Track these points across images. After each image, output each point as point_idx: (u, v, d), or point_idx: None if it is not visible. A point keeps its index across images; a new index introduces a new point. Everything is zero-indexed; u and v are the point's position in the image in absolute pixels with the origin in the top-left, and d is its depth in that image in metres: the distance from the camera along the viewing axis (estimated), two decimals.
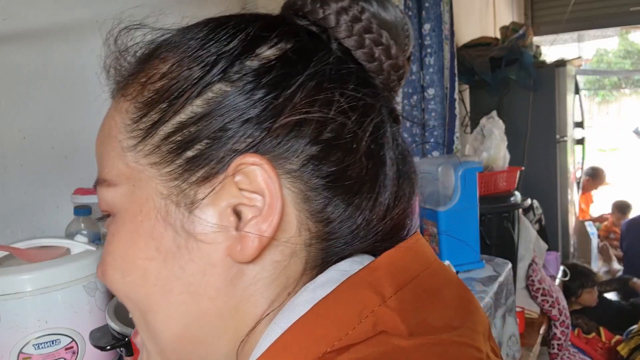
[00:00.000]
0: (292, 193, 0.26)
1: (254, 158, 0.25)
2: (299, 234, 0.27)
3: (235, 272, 0.26)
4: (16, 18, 0.91)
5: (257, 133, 0.25)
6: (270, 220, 0.25)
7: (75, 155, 1.01)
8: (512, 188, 1.76)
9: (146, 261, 0.27)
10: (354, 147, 0.27)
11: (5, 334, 0.62)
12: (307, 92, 0.26)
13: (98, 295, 0.69)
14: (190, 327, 0.27)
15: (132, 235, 0.27)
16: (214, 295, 0.27)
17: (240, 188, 0.26)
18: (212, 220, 0.26)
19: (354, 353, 0.23)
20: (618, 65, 9.34)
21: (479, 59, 2.37)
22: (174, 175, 0.26)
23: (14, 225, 0.91)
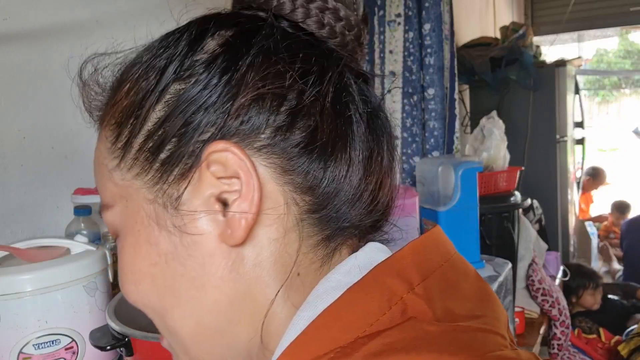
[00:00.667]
0: (269, 169, 0.27)
1: (220, 144, 0.26)
2: (287, 209, 0.27)
3: (235, 258, 0.27)
4: (16, 18, 0.91)
5: (218, 119, 0.26)
6: (251, 198, 0.26)
7: (75, 156, 1.01)
8: (512, 188, 1.76)
9: (151, 267, 0.29)
10: (318, 109, 0.27)
11: (5, 334, 0.62)
12: (256, 69, 0.27)
13: (98, 295, 0.69)
14: (205, 321, 0.28)
15: (134, 247, 0.29)
16: (220, 284, 0.27)
17: (217, 177, 0.27)
18: (198, 212, 0.27)
19: (386, 338, 0.23)
20: (618, 65, 9.34)
21: (479, 59, 2.37)
22: (155, 180, 0.28)
23: (14, 225, 0.91)
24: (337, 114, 0.28)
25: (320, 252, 0.28)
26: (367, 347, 0.23)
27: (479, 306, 0.27)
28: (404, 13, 1.34)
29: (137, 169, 0.28)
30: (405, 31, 1.34)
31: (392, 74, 1.37)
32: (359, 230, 0.30)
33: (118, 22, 1.09)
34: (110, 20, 1.07)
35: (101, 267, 0.70)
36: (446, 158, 1.14)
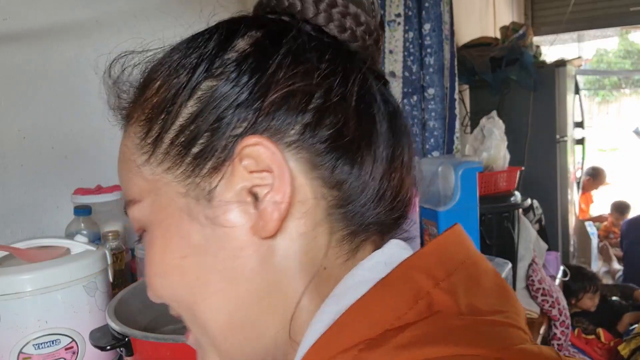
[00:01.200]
0: (299, 163, 0.28)
1: (253, 139, 0.27)
2: (316, 203, 0.28)
3: (266, 250, 0.28)
4: (16, 18, 0.91)
5: (250, 115, 0.27)
6: (283, 190, 0.27)
7: (75, 156, 1.01)
8: (512, 188, 1.76)
9: (181, 259, 0.29)
10: (343, 108, 0.29)
11: (6, 334, 0.62)
12: (286, 68, 0.28)
13: (98, 295, 0.69)
14: (235, 313, 0.29)
15: (163, 240, 0.30)
16: (250, 276, 0.28)
17: (250, 171, 0.27)
18: (231, 204, 0.28)
19: (413, 331, 0.24)
20: (618, 65, 9.33)
21: (479, 59, 2.37)
22: (187, 174, 0.28)
23: (14, 225, 0.91)
24: (361, 112, 0.29)
25: (345, 247, 0.29)
26: (395, 339, 0.24)
27: (500, 301, 0.28)
28: (404, 13, 1.33)
29: (168, 163, 0.29)
30: (405, 31, 1.34)
31: (392, 74, 1.37)
32: (381, 227, 0.31)
33: (118, 22, 1.09)
34: (111, 20, 1.07)
35: (101, 267, 0.70)
36: (446, 158, 1.14)
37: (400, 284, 0.26)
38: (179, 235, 0.29)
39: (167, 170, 0.29)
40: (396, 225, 0.32)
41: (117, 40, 1.09)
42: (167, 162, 0.29)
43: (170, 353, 0.50)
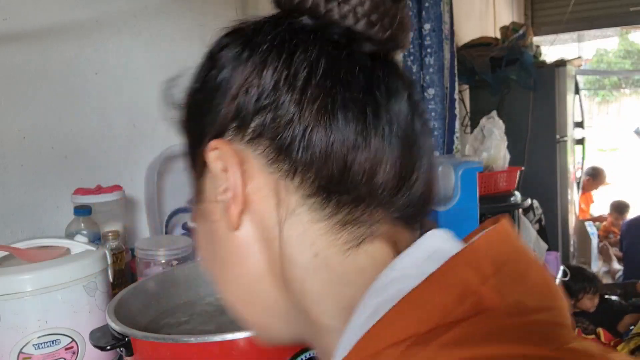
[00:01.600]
0: (258, 159, 0.29)
1: (213, 143, 0.30)
2: (279, 194, 0.29)
3: (239, 240, 0.31)
4: (16, 18, 0.91)
5: (211, 120, 0.31)
6: (238, 187, 0.30)
7: (75, 156, 1.01)
8: (512, 188, 1.76)
9: (203, 248, 0.34)
10: (304, 94, 0.29)
11: (6, 334, 0.62)
12: (233, 70, 0.30)
13: (98, 295, 0.69)
14: (236, 292, 0.33)
15: (199, 230, 0.35)
16: (236, 262, 0.31)
17: (216, 173, 0.30)
18: (211, 203, 0.32)
19: (461, 329, 0.24)
20: (618, 65, 9.34)
21: (479, 59, 2.37)
22: (196, 180, 0.34)
23: (14, 225, 0.91)
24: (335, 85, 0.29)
25: (343, 235, 0.29)
26: (442, 337, 0.24)
27: (548, 297, 0.28)
28: None
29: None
30: None
31: None
32: (393, 217, 0.31)
33: (118, 22, 1.09)
34: (111, 20, 1.07)
35: (101, 267, 0.70)
36: (446, 158, 1.14)
37: (449, 279, 0.26)
38: (200, 227, 0.34)
39: (190, 175, 0.34)
40: (415, 218, 0.32)
41: (117, 40, 1.10)
42: (189, 169, 0.34)
43: (170, 353, 0.50)
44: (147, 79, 1.16)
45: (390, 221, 0.31)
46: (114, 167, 1.08)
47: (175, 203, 1.20)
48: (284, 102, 0.29)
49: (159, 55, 1.18)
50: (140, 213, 1.15)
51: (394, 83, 0.31)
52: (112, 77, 1.08)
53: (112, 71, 1.08)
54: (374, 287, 0.28)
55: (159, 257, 0.82)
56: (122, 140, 1.10)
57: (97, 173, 1.05)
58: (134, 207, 1.14)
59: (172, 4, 1.21)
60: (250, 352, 0.50)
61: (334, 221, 0.29)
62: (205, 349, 0.50)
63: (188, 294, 0.72)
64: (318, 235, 0.29)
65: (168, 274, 0.72)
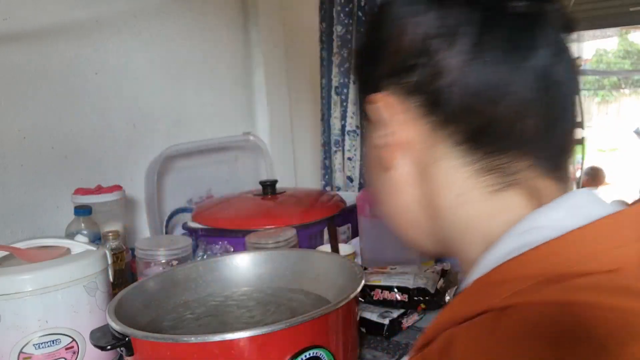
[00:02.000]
0: (417, 110, 0.34)
1: (379, 95, 0.35)
2: (434, 141, 0.33)
3: (396, 177, 0.37)
4: (16, 18, 0.91)
5: (378, 75, 0.36)
6: (399, 134, 0.35)
7: (75, 156, 1.01)
8: None
9: (373, 176, 0.40)
10: (465, 57, 0.31)
11: (6, 333, 0.62)
12: (402, 23, 0.34)
13: (98, 295, 0.69)
14: (398, 216, 0.39)
15: (367, 162, 0.41)
16: (394, 193, 0.38)
17: (379, 120, 0.36)
18: (376, 146, 0.37)
19: (590, 278, 0.26)
20: (618, 65, 9.34)
21: None
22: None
23: (14, 225, 0.91)
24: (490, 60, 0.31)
25: (486, 180, 0.32)
26: (571, 281, 0.26)
27: None
28: None
29: None
30: None
31: None
32: (536, 166, 0.32)
33: (118, 22, 1.09)
34: (111, 20, 1.08)
35: (101, 267, 0.70)
36: None
37: (609, 231, 0.28)
38: (369, 160, 0.40)
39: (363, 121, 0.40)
40: (555, 168, 0.33)
41: (117, 40, 1.10)
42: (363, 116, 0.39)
43: (170, 353, 0.51)
44: (147, 79, 1.16)
45: (533, 170, 0.32)
46: (114, 167, 1.08)
47: (175, 203, 1.20)
48: (442, 60, 0.31)
49: (159, 55, 1.18)
50: (141, 213, 1.15)
51: (545, 35, 0.32)
52: (112, 77, 1.08)
53: (112, 71, 1.08)
54: (515, 231, 0.31)
55: (159, 257, 0.82)
56: (122, 140, 1.10)
57: (97, 173, 1.05)
58: (134, 207, 1.14)
59: (172, 4, 1.21)
60: (250, 351, 0.50)
61: (479, 166, 0.32)
62: (205, 348, 0.50)
63: (188, 293, 0.72)
64: (463, 178, 0.33)
65: (168, 273, 0.72)
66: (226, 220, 0.99)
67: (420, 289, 0.77)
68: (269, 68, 1.45)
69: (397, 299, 0.78)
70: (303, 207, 1.03)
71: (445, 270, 0.81)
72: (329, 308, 0.54)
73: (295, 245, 0.86)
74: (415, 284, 0.77)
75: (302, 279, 0.73)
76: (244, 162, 1.41)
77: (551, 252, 0.28)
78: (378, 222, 0.94)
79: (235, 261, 0.76)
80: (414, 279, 0.78)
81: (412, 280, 0.78)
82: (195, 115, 1.28)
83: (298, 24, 1.60)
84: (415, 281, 0.78)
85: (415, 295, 0.77)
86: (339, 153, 1.52)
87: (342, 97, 1.49)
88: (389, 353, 0.71)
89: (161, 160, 1.10)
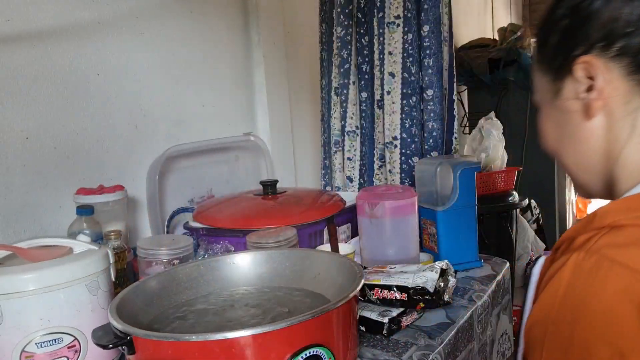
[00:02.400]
0: (620, 71, 0.43)
1: (585, 58, 0.44)
2: (630, 98, 0.43)
3: (589, 126, 0.46)
4: (19, 19, 0.92)
5: (583, 40, 0.44)
6: (601, 91, 0.44)
7: (77, 156, 1.02)
8: (510, 188, 1.77)
9: (552, 129, 0.50)
10: None
11: (8, 332, 0.62)
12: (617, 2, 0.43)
13: (100, 294, 0.69)
14: (577, 160, 0.49)
15: (545, 118, 0.51)
16: (581, 140, 0.47)
17: (582, 79, 0.45)
18: (570, 99, 0.46)
19: None
20: None
21: (477, 60, 2.38)
22: (551, 81, 0.49)
23: (17, 225, 0.91)
24: None
25: None
26: None
27: None
28: (403, 15, 1.34)
29: (543, 71, 0.49)
30: (404, 33, 1.34)
31: (391, 75, 1.38)
32: None
33: (120, 23, 1.10)
34: (112, 21, 1.08)
35: (103, 266, 0.71)
36: (445, 158, 1.15)
37: None
38: (550, 116, 0.50)
39: (542, 76, 0.49)
40: None
41: (118, 41, 1.11)
42: (542, 71, 0.49)
43: (171, 351, 0.51)
44: (148, 80, 1.16)
45: None
46: (115, 167, 1.09)
47: (177, 203, 1.20)
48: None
49: (160, 55, 1.19)
50: (142, 212, 1.15)
51: None
52: (114, 78, 1.09)
53: (114, 72, 1.08)
54: None
55: (160, 256, 0.83)
56: (123, 140, 1.11)
57: (99, 173, 1.05)
58: (135, 207, 1.14)
59: (173, 5, 1.22)
60: (250, 350, 0.50)
61: None
62: (206, 347, 0.50)
63: (189, 292, 0.72)
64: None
65: (169, 273, 0.73)
66: (227, 220, 1.00)
67: (419, 288, 0.77)
68: (269, 68, 1.46)
69: (397, 298, 0.78)
70: (303, 206, 1.04)
71: (444, 269, 0.82)
72: (329, 307, 0.54)
73: (295, 244, 0.86)
74: (415, 283, 0.78)
75: (302, 278, 0.73)
76: (244, 162, 1.42)
77: None
78: (377, 221, 0.95)
79: (235, 260, 0.76)
80: (413, 278, 0.79)
81: (412, 280, 0.78)
82: (196, 115, 1.29)
83: (298, 24, 1.61)
84: (414, 280, 0.78)
85: (414, 294, 0.77)
86: (338, 153, 1.53)
87: (342, 98, 1.49)
88: (389, 351, 0.71)
89: (162, 160, 1.11)
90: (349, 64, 1.47)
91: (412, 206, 0.96)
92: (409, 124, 1.39)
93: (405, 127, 1.39)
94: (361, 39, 1.45)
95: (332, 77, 1.51)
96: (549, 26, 0.47)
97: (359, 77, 1.47)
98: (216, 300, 0.71)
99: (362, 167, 1.53)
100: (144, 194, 1.12)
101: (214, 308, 0.69)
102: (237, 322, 0.64)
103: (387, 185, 1.30)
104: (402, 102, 1.39)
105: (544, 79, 0.49)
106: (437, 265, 0.82)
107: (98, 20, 1.05)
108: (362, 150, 1.51)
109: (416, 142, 1.40)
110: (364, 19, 1.44)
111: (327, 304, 0.55)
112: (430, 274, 0.80)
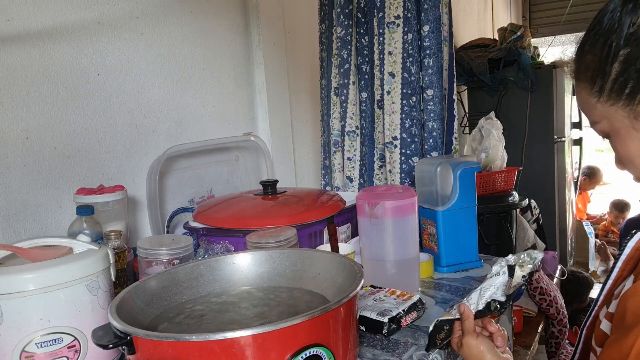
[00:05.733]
0: None
1: None
2: None
3: None
4: (19, 19, 0.92)
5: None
6: None
7: (78, 156, 1.02)
8: (510, 188, 1.77)
9: (633, 149, 0.54)
10: None
11: (8, 332, 0.62)
12: None
13: (100, 294, 0.69)
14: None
15: (622, 141, 0.54)
16: None
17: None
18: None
19: None
20: None
21: (477, 60, 2.38)
22: (626, 105, 0.52)
23: (17, 224, 0.91)
24: None
25: None
26: None
27: None
28: (403, 15, 1.34)
29: (612, 101, 0.52)
30: (404, 33, 1.35)
31: (391, 75, 1.38)
32: None
33: (120, 23, 1.10)
34: (112, 21, 1.08)
35: (103, 266, 0.71)
36: (445, 158, 1.15)
37: None
38: (629, 138, 0.53)
39: (612, 104, 0.52)
40: None
41: (118, 41, 1.11)
42: (611, 100, 0.52)
43: (171, 351, 0.51)
44: (148, 80, 1.16)
45: None
46: (116, 167, 1.09)
47: (177, 203, 1.20)
48: None
49: (160, 56, 1.19)
50: (142, 213, 1.15)
51: None
52: (114, 78, 1.09)
53: (114, 72, 1.09)
54: None
55: (160, 256, 0.83)
56: (124, 141, 1.11)
57: (99, 173, 1.05)
58: (135, 207, 1.14)
59: (173, 5, 1.22)
60: (250, 350, 0.50)
61: None
62: (206, 347, 0.50)
63: (189, 292, 0.72)
64: None
65: (169, 273, 0.73)
66: (227, 220, 1.00)
67: (492, 306, 0.66)
68: (269, 69, 1.46)
69: None
70: (303, 206, 1.04)
71: (511, 266, 0.69)
72: (329, 307, 0.54)
73: (295, 244, 0.87)
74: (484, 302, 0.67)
75: (302, 278, 0.74)
76: (244, 162, 1.42)
77: None
78: (377, 221, 0.95)
79: (235, 260, 0.76)
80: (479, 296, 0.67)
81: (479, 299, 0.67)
82: (196, 115, 1.29)
83: (298, 25, 1.61)
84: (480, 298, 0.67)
85: (486, 312, 0.65)
86: (338, 153, 1.53)
87: (342, 98, 1.49)
88: (389, 351, 0.72)
89: (162, 160, 1.11)
90: (349, 64, 1.47)
91: (412, 206, 0.96)
92: (409, 124, 1.39)
93: (405, 127, 1.39)
94: (361, 39, 1.45)
95: (331, 77, 1.51)
96: (604, 58, 0.51)
97: (359, 77, 1.47)
98: (216, 300, 0.71)
99: (362, 167, 1.53)
100: (144, 194, 1.12)
101: (214, 308, 0.69)
102: (237, 322, 0.64)
103: (387, 185, 1.30)
104: (402, 102, 1.39)
105: (613, 107, 0.52)
106: (502, 263, 0.70)
107: (98, 20, 1.05)
108: (362, 150, 1.51)
109: (416, 142, 1.40)
110: (364, 19, 1.44)
111: (327, 304, 0.55)
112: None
